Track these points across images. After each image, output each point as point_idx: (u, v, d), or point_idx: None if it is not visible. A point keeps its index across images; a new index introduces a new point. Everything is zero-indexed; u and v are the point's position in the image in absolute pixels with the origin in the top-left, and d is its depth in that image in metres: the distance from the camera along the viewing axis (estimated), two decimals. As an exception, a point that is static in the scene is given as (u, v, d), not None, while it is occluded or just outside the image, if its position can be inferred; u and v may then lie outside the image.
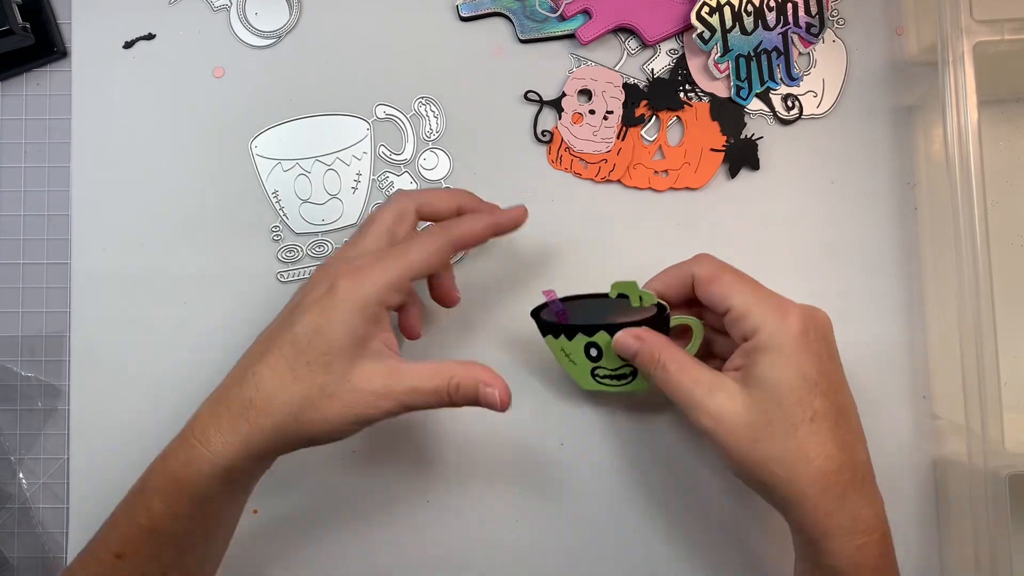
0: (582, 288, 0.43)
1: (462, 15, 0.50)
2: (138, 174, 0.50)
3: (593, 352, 0.43)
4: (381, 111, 0.50)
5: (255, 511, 0.48)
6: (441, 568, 0.48)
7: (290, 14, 0.50)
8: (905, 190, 0.50)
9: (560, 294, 0.43)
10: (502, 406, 0.38)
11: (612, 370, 0.43)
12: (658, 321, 0.41)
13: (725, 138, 0.50)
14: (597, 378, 0.44)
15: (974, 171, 0.43)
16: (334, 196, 0.50)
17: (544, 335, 0.44)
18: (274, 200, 0.49)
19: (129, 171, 0.50)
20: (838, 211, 0.49)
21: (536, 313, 0.44)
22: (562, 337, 0.43)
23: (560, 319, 0.43)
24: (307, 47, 0.50)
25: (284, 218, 0.49)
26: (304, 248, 0.49)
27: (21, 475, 0.49)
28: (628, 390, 0.44)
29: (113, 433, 0.48)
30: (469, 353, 0.49)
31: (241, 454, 0.36)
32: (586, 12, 0.49)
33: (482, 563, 0.48)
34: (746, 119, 0.50)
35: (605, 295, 0.42)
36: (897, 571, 0.38)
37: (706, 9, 0.48)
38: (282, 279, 0.49)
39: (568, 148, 0.50)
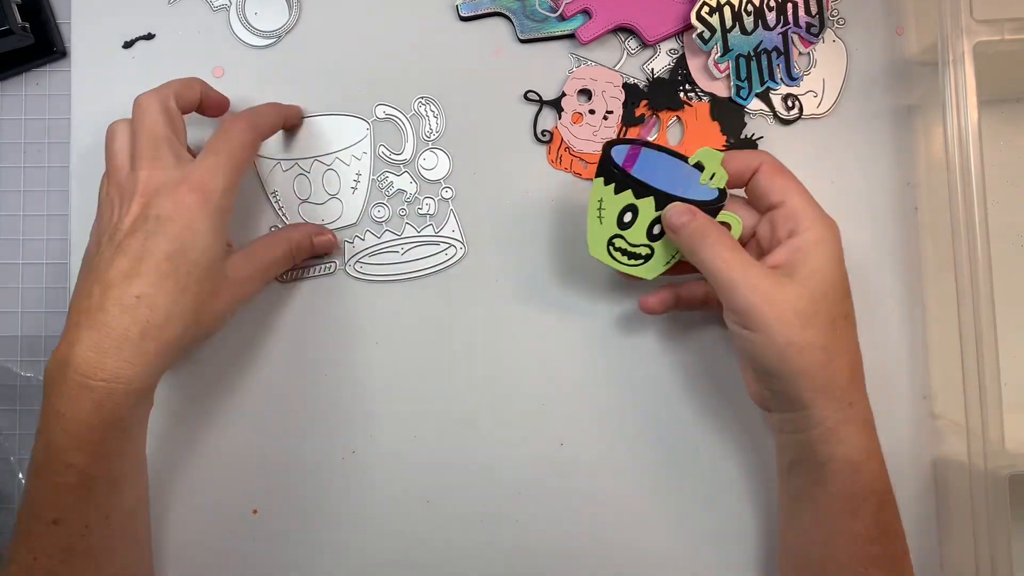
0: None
1: (462, 15, 0.50)
2: (138, 174, 0.50)
3: (627, 217, 0.42)
4: (381, 111, 0.50)
5: (255, 511, 0.48)
6: (441, 568, 0.48)
7: (290, 14, 0.50)
8: (905, 190, 0.50)
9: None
10: (333, 244, 0.48)
11: (631, 245, 0.43)
12: (708, 207, 0.42)
13: (725, 138, 0.50)
14: (612, 248, 0.44)
15: (974, 171, 0.43)
16: (333, 196, 0.50)
17: (598, 175, 0.43)
18: (273, 200, 0.49)
19: (129, 171, 0.50)
20: (838, 211, 0.49)
21: (610, 146, 0.43)
22: (612, 186, 0.42)
23: (626, 164, 0.43)
24: (307, 47, 0.50)
25: (283, 218, 0.49)
26: (304, 248, 0.49)
27: (21, 475, 0.49)
28: (633, 272, 0.44)
29: (113, 433, 0.48)
30: (472, 351, 0.49)
31: (156, 371, 0.39)
32: (586, 12, 0.49)
33: (482, 563, 0.48)
34: (746, 119, 0.50)
35: (685, 157, 0.43)
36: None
37: (706, 9, 0.48)
38: (281, 279, 0.49)
39: (568, 148, 0.50)
